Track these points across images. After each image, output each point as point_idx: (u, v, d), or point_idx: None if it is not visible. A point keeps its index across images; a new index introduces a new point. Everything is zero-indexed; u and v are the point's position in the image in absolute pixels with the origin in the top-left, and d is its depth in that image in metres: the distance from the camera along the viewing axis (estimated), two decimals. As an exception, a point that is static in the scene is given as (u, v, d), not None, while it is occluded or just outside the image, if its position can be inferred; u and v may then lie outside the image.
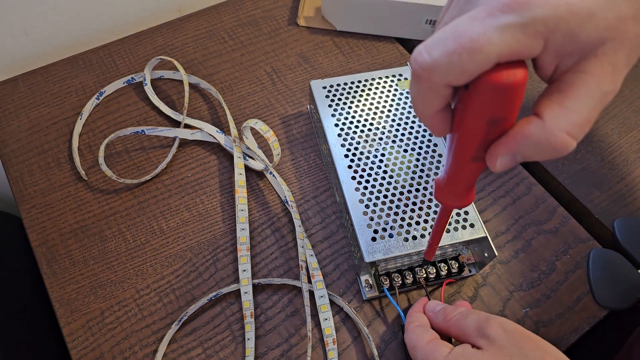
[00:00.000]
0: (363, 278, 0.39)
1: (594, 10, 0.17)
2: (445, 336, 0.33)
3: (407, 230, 0.36)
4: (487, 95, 0.19)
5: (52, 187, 0.44)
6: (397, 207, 0.37)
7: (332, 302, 0.39)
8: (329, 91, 0.44)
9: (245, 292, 0.38)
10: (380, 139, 0.41)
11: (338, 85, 0.45)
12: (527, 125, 0.19)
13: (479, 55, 0.17)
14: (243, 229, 0.41)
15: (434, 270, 0.38)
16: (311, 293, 0.39)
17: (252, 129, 0.46)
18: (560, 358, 0.28)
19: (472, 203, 0.38)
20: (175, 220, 0.42)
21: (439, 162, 0.40)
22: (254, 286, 0.39)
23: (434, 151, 0.41)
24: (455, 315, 0.32)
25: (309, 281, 0.39)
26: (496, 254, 0.36)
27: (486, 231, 0.36)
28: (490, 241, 0.36)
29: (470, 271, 0.39)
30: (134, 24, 0.59)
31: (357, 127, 0.42)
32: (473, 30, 0.17)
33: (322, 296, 0.38)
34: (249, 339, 0.36)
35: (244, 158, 0.45)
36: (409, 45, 0.56)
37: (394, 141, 0.41)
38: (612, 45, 0.18)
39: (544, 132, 0.19)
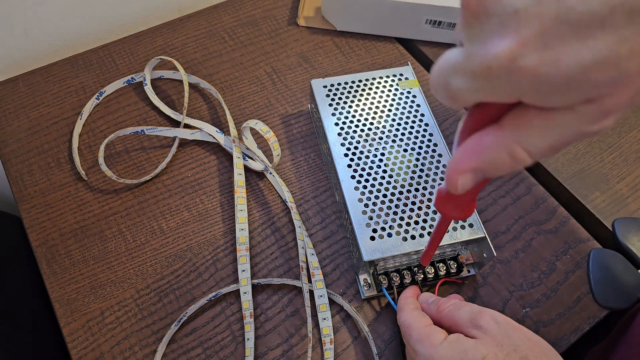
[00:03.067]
0: (362, 277, 0.39)
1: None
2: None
3: (406, 230, 0.36)
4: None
5: (52, 187, 0.44)
6: (397, 206, 0.37)
7: (332, 302, 0.39)
8: (330, 90, 0.44)
9: (245, 292, 0.38)
10: (380, 138, 0.41)
11: (338, 84, 0.45)
12: (483, 138, 0.19)
13: (456, 103, 0.18)
14: (242, 229, 0.41)
15: (433, 270, 0.38)
16: (311, 293, 0.39)
17: (252, 129, 0.46)
18: (548, 350, 0.29)
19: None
20: (175, 220, 0.42)
21: (438, 162, 0.40)
22: (254, 286, 0.39)
23: (433, 151, 0.41)
24: (448, 307, 0.32)
25: (309, 281, 0.39)
26: (495, 254, 0.36)
27: (485, 231, 0.36)
28: (489, 241, 0.36)
29: (469, 271, 0.39)
30: (134, 24, 0.59)
31: (357, 126, 0.42)
32: (450, 81, 0.18)
33: (321, 296, 0.38)
34: (248, 339, 0.36)
35: (244, 158, 0.45)
36: (409, 45, 0.56)
37: (394, 141, 0.41)
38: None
39: (499, 142, 0.18)
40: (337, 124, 0.42)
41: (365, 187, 0.38)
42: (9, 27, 0.51)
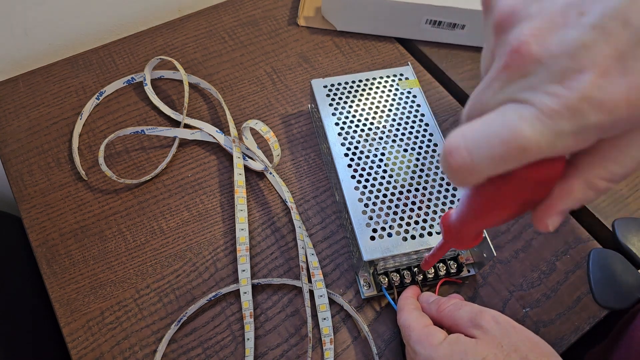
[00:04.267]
0: (362, 277, 0.39)
1: None
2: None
3: (406, 230, 0.36)
4: (525, 186, 0.18)
5: (52, 187, 0.44)
6: (397, 206, 0.37)
7: (332, 302, 0.39)
8: (330, 90, 0.44)
9: (245, 292, 0.38)
10: (381, 138, 0.41)
11: (339, 84, 0.45)
12: (565, 183, 0.19)
13: (524, 158, 0.16)
14: (242, 229, 0.41)
15: (433, 270, 0.38)
16: (311, 293, 0.39)
17: (251, 129, 0.46)
18: (549, 351, 0.29)
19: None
20: (175, 220, 0.42)
21: (438, 161, 0.40)
22: (254, 286, 0.39)
23: (434, 151, 0.41)
24: (448, 306, 0.32)
25: (309, 281, 0.39)
26: (495, 254, 0.36)
27: (485, 231, 0.36)
28: (489, 241, 0.36)
29: (469, 271, 0.39)
30: (134, 24, 0.59)
31: (357, 126, 0.42)
32: (522, 135, 0.16)
33: (321, 296, 0.38)
34: (248, 339, 0.36)
35: (244, 158, 0.45)
36: (409, 45, 0.56)
37: (394, 140, 0.41)
38: None
39: (584, 187, 0.18)
40: (337, 124, 0.42)
41: (365, 186, 0.38)
42: (9, 27, 0.51)
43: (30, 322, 0.49)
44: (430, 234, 0.36)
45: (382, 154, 0.40)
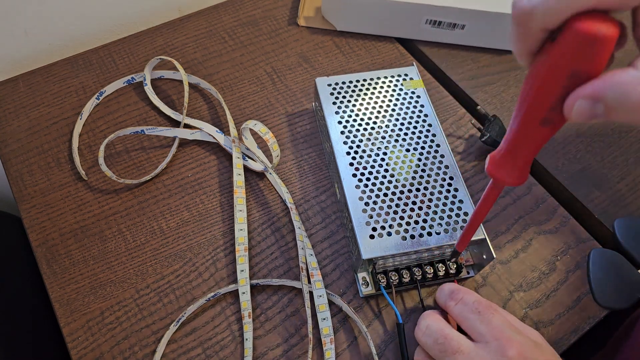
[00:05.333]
0: (360, 275, 0.39)
1: None
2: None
3: (406, 230, 0.36)
4: (574, 45, 0.18)
5: (52, 187, 0.44)
6: (397, 205, 0.37)
7: (331, 303, 0.39)
8: (334, 89, 0.44)
9: (243, 293, 0.38)
10: (383, 137, 0.41)
11: (343, 83, 0.45)
12: (619, 72, 0.18)
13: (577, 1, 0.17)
14: (241, 230, 0.41)
15: (432, 271, 0.38)
16: (311, 294, 0.39)
17: (251, 130, 0.46)
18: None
19: (472, 204, 0.38)
20: (175, 220, 0.42)
21: (440, 162, 0.40)
22: (254, 286, 0.39)
23: (436, 152, 0.40)
24: (455, 314, 0.33)
25: (309, 282, 0.39)
26: (495, 256, 0.36)
27: (485, 233, 0.36)
28: (489, 243, 0.36)
29: (468, 273, 0.39)
30: (134, 24, 0.59)
31: (360, 125, 0.42)
32: None
33: (320, 296, 0.38)
34: (247, 339, 0.36)
35: (244, 158, 0.45)
36: (409, 45, 0.56)
37: (396, 140, 0.41)
38: None
39: (636, 80, 0.17)
40: (340, 123, 0.42)
41: (366, 185, 0.38)
42: (9, 27, 0.51)
43: (30, 322, 0.49)
44: (430, 234, 0.36)
45: (384, 154, 0.40)
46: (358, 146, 0.41)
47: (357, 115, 0.43)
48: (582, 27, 0.18)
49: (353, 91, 0.44)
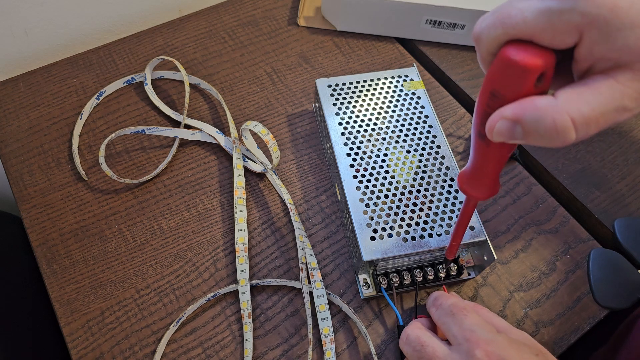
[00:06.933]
0: (361, 277, 0.39)
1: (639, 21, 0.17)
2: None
3: (407, 231, 0.36)
4: (496, 66, 0.20)
5: (52, 187, 0.44)
6: (398, 207, 0.37)
7: (331, 303, 0.39)
8: (334, 90, 0.44)
9: (243, 293, 0.38)
10: (384, 139, 0.41)
11: (343, 84, 0.45)
12: (538, 98, 0.19)
13: (509, 29, 0.19)
14: (241, 230, 0.41)
15: (433, 272, 0.38)
16: (311, 294, 0.39)
17: (250, 130, 0.46)
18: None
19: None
20: (175, 220, 0.42)
21: (441, 163, 0.40)
22: (254, 286, 0.39)
23: (436, 152, 0.40)
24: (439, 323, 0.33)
25: (309, 282, 0.39)
26: (495, 257, 0.36)
27: (486, 234, 0.36)
28: (490, 244, 0.36)
29: (469, 274, 0.39)
30: (134, 24, 0.59)
31: (360, 126, 0.42)
32: (513, 8, 0.19)
33: (320, 296, 0.38)
34: (247, 340, 0.36)
35: (244, 160, 0.45)
36: (409, 45, 0.56)
37: (397, 141, 0.41)
38: None
39: (551, 108, 0.19)
40: (340, 124, 0.42)
41: (367, 187, 0.38)
42: (9, 27, 0.51)
43: (30, 322, 0.49)
44: (430, 235, 0.36)
45: (385, 155, 0.40)
46: (359, 147, 0.41)
47: (357, 116, 0.43)
48: (504, 51, 0.20)
49: (353, 92, 0.44)
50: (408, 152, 0.41)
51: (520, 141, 0.20)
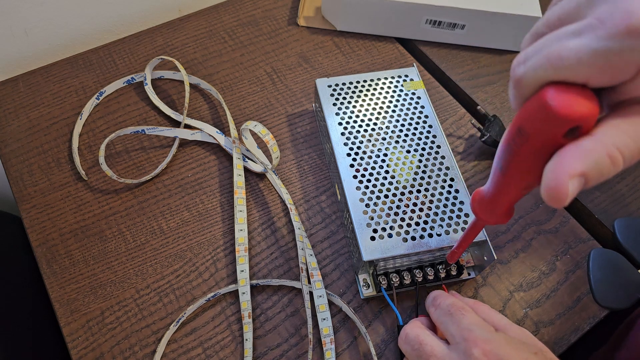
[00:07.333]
0: (361, 277, 0.39)
1: None
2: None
3: (407, 231, 0.36)
4: (530, 104, 0.19)
5: (52, 187, 0.44)
6: (398, 207, 0.37)
7: (331, 303, 0.39)
8: (334, 90, 0.44)
9: (243, 293, 0.38)
10: (384, 139, 0.41)
11: (343, 84, 0.45)
12: (580, 141, 0.18)
13: (561, 71, 0.18)
14: (241, 230, 0.41)
15: (433, 272, 0.38)
16: (311, 294, 0.39)
17: (251, 130, 0.46)
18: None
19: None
20: (175, 220, 0.42)
21: (441, 163, 0.40)
22: (254, 286, 0.39)
23: (437, 152, 0.40)
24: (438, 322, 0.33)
25: (309, 282, 0.39)
26: (495, 257, 0.36)
27: (486, 235, 0.36)
28: (490, 244, 0.36)
29: (469, 274, 0.39)
30: (134, 24, 0.59)
31: (360, 126, 0.42)
32: (563, 48, 0.17)
33: (320, 296, 0.38)
34: (247, 340, 0.36)
35: (244, 160, 0.45)
36: (409, 45, 0.56)
37: (397, 142, 0.41)
38: None
39: (601, 146, 0.18)
40: (340, 124, 0.42)
41: (367, 187, 0.38)
42: (9, 27, 0.51)
43: (30, 322, 0.49)
44: (431, 235, 0.36)
45: (385, 155, 0.40)
46: (359, 147, 0.41)
47: (357, 116, 0.43)
48: (541, 93, 0.18)
49: (353, 92, 0.44)
50: (408, 152, 0.41)
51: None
